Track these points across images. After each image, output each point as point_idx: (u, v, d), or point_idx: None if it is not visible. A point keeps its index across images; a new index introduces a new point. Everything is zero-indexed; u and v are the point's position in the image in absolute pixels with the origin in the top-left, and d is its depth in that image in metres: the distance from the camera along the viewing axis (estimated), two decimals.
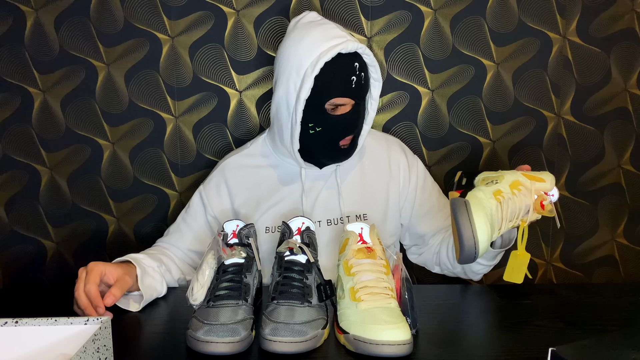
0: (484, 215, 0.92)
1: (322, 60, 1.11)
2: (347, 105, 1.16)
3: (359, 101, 1.18)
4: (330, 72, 1.12)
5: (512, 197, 0.96)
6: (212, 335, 0.82)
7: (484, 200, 0.95)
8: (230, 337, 0.83)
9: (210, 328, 0.83)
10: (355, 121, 1.19)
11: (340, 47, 1.11)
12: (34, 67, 1.48)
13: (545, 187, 0.99)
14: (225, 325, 0.84)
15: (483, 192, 0.96)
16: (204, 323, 0.84)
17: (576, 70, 1.53)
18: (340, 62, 1.12)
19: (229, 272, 0.95)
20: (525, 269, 0.96)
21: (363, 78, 1.16)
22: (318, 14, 1.23)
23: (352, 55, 1.14)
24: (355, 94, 1.16)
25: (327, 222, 1.26)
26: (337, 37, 1.14)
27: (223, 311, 0.87)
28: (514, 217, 0.96)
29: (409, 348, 0.83)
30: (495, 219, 0.94)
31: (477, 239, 0.91)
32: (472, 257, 0.92)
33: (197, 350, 0.83)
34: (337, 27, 1.18)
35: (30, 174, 1.53)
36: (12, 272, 1.57)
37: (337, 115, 1.16)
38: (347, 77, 1.13)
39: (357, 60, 1.14)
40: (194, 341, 0.84)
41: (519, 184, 0.98)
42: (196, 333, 0.84)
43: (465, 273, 1.26)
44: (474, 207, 0.93)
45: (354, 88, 1.15)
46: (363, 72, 1.16)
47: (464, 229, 0.91)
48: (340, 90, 1.14)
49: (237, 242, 1.01)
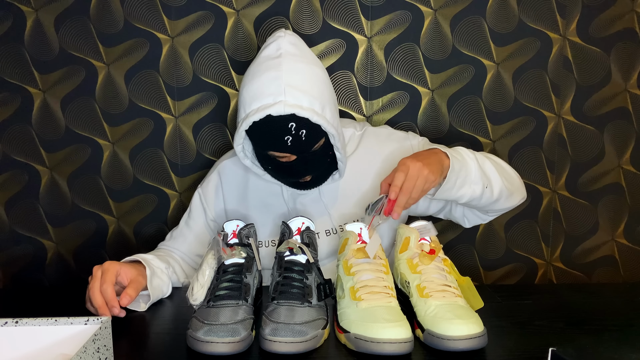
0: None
1: (250, 119, 1.06)
2: (291, 157, 1.11)
3: (303, 154, 1.11)
4: (262, 130, 1.08)
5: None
6: (212, 335, 0.82)
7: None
8: (231, 337, 0.83)
9: (211, 328, 0.83)
10: (308, 166, 1.14)
11: (270, 110, 1.04)
12: (34, 67, 1.48)
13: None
14: (225, 325, 0.84)
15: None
16: (204, 323, 0.84)
17: (576, 70, 1.53)
18: (271, 123, 1.06)
19: (229, 272, 0.95)
20: (476, 292, 0.97)
21: (304, 135, 1.07)
22: (291, 37, 1.14)
23: (287, 117, 1.05)
24: (295, 150, 1.09)
25: (326, 233, 1.25)
26: (272, 94, 1.05)
27: (223, 311, 0.87)
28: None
29: (410, 346, 0.83)
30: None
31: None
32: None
33: (198, 350, 0.83)
34: (293, 72, 1.08)
35: (30, 174, 1.53)
36: (12, 272, 1.57)
37: (284, 162, 1.12)
38: (280, 137, 1.07)
39: (295, 121, 1.06)
40: (194, 341, 0.84)
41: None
42: (196, 333, 0.84)
43: (490, 209, 1.24)
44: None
45: (290, 146, 1.08)
46: (305, 129, 1.07)
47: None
48: (276, 146, 1.09)
49: (237, 242, 1.01)
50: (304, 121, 1.06)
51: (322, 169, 1.19)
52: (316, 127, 1.08)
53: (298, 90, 1.06)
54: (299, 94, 1.06)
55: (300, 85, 1.07)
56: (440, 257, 0.98)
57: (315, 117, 1.06)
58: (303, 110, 1.05)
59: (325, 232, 1.25)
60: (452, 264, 0.99)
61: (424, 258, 0.97)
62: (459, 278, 0.97)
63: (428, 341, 0.87)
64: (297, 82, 1.07)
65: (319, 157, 1.14)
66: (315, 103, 1.07)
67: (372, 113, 1.53)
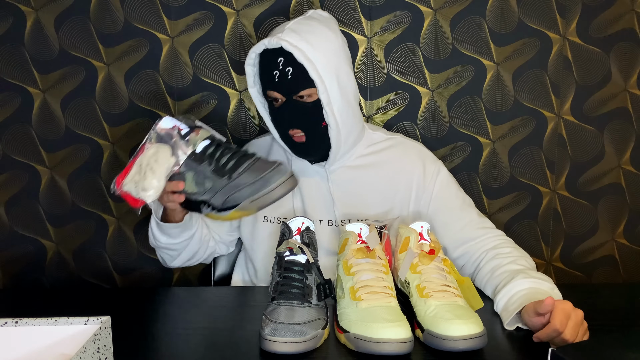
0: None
1: (251, 52, 1.16)
2: (280, 99, 1.17)
3: (289, 96, 1.16)
4: (260, 66, 1.18)
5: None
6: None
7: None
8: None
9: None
10: (293, 115, 1.17)
11: (266, 42, 1.14)
12: (34, 67, 1.48)
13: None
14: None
15: None
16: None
17: (576, 70, 1.53)
18: (266, 56, 1.15)
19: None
20: (476, 292, 0.98)
21: (290, 73, 1.13)
22: (326, 13, 1.24)
23: (277, 50, 1.13)
24: (280, 89, 1.15)
25: (328, 223, 1.25)
26: (275, 33, 1.16)
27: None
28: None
29: (409, 346, 0.83)
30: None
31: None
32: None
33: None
34: (300, 23, 1.16)
35: (30, 174, 1.53)
36: (12, 272, 1.57)
37: (277, 107, 1.19)
38: (270, 70, 1.15)
39: (283, 56, 1.13)
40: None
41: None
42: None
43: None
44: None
45: (277, 82, 1.14)
46: (291, 67, 1.13)
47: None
48: (267, 83, 1.17)
49: (189, 131, 1.04)
50: (290, 57, 1.12)
51: (314, 130, 1.18)
52: (303, 71, 1.12)
53: (296, 33, 1.14)
54: (295, 35, 1.13)
55: (303, 32, 1.14)
56: (440, 257, 0.98)
57: (302, 57, 1.11)
58: (291, 47, 1.11)
59: (327, 222, 1.25)
60: (452, 264, 0.99)
61: (424, 258, 0.97)
62: (459, 278, 0.97)
63: (428, 341, 0.87)
64: (301, 30, 1.15)
65: (308, 110, 1.16)
66: (311, 51, 1.12)
67: (372, 113, 1.53)
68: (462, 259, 1.21)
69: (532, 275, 1.03)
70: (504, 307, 0.99)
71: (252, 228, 1.28)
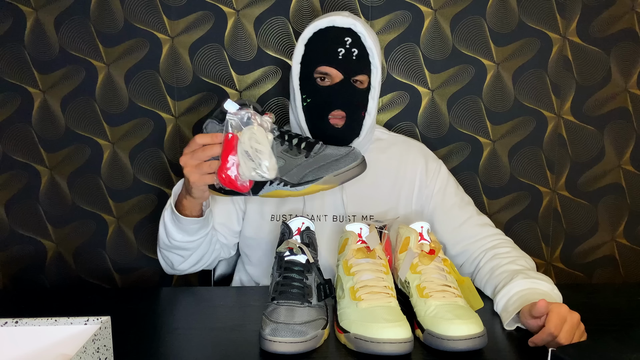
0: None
1: (315, 26, 1.16)
2: (335, 78, 1.16)
3: (348, 76, 1.16)
4: (320, 41, 1.17)
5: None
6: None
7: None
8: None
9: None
10: (345, 96, 1.17)
11: (335, 19, 1.15)
12: (34, 67, 1.48)
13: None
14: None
15: None
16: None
17: (576, 70, 1.53)
18: (332, 33, 1.16)
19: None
20: (476, 292, 0.98)
21: (355, 55, 1.15)
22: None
23: (345, 30, 1.15)
24: (342, 67, 1.15)
25: (333, 218, 1.25)
26: (343, 15, 1.17)
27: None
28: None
29: (409, 346, 0.83)
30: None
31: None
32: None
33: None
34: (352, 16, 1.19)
35: (30, 174, 1.53)
36: (12, 272, 1.57)
37: (325, 86, 1.17)
38: (335, 47, 1.15)
39: (351, 37, 1.15)
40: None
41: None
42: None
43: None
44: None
45: (341, 59, 1.15)
46: (357, 49, 1.15)
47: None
48: (326, 59, 1.16)
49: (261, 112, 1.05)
50: (359, 41, 1.15)
51: (356, 117, 1.19)
52: (366, 57, 1.16)
53: (362, 25, 1.17)
54: (362, 26, 1.17)
55: (366, 29, 1.17)
56: (440, 257, 0.98)
57: (370, 43, 1.16)
58: (362, 29, 1.15)
59: (332, 217, 1.24)
60: (452, 264, 0.99)
61: (424, 258, 0.97)
62: (459, 278, 0.97)
63: (428, 341, 0.87)
64: (359, 20, 1.19)
65: (358, 96, 1.18)
66: (372, 39, 1.17)
67: None
68: (461, 257, 1.21)
69: (532, 276, 1.03)
70: (504, 307, 0.99)
71: (257, 226, 1.27)
